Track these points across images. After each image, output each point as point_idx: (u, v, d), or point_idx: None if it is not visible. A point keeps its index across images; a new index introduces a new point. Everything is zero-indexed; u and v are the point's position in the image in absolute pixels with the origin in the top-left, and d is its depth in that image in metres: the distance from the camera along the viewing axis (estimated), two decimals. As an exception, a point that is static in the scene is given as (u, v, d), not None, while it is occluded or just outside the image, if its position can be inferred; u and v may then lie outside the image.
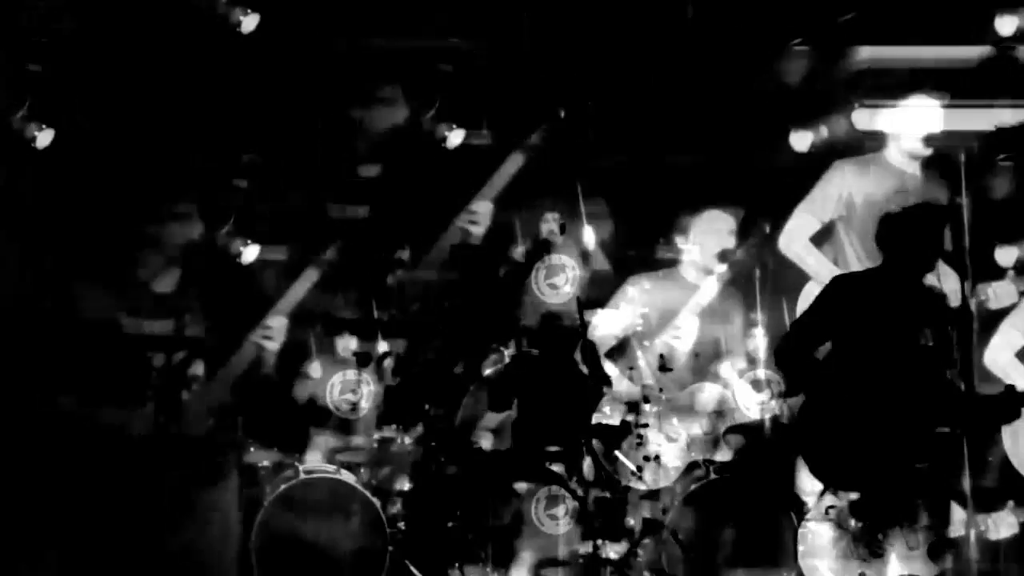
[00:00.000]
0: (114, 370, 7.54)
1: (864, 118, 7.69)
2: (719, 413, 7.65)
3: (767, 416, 7.41)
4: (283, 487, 7.33)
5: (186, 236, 8.14)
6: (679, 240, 7.84)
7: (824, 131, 7.90)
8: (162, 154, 8.24)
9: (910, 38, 8.10)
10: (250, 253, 8.21)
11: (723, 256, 7.69)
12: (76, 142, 8.07)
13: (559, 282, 8.19)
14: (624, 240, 8.45)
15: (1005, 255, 7.43)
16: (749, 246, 7.69)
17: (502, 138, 8.61)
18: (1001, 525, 7.23)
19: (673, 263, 7.95)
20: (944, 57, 8.03)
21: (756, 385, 7.53)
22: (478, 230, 8.39)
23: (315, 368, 7.91)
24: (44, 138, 7.92)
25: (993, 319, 7.46)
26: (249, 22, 8.08)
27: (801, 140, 8.00)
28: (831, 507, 6.94)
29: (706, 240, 7.77)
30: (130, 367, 7.57)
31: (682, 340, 7.81)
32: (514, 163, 8.44)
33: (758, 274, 7.54)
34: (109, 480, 7.06)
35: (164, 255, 8.05)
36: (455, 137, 8.50)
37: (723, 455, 7.61)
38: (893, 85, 7.64)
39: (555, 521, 7.38)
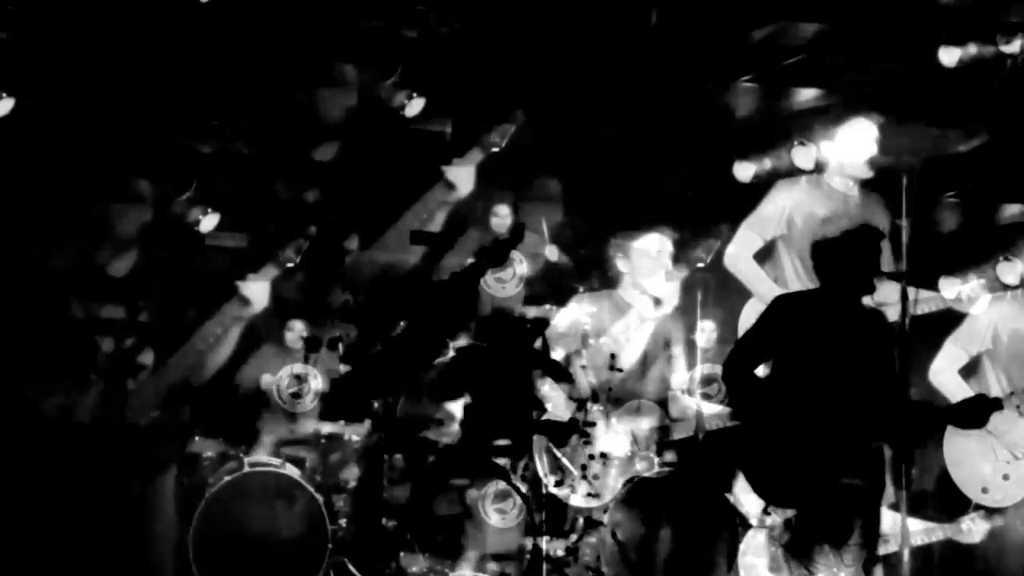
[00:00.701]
0: (60, 354, 7.55)
1: (803, 155, 7.79)
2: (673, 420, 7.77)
3: (703, 430, 7.52)
4: (226, 479, 7.33)
5: (144, 219, 8.14)
6: (619, 261, 7.91)
7: (767, 163, 7.98)
8: (122, 124, 8.20)
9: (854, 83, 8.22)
10: (209, 221, 8.12)
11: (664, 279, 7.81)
12: (35, 112, 8.03)
13: (506, 276, 8.23)
14: (576, 239, 8.53)
15: (948, 287, 7.50)
16: (694, 261, 7.82)
17: (461, 128, 8.62)
18: (975, 530, 7.33)
19: (612, 283, 8.02)
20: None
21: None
22: (459, 194, 8.39)
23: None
24: (3, 107, 7.79)
25: (937, 336, 7.54)
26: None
27: (744, 170, 8.13)
28: (768, 520, 7.06)
29: (642, 264, 7.83)
30: (77, 351, 7.58)
31: (642, 327, 7.89)
32: (473, 159, 8.43)
33: (700, 289, 7.64)
34: (48, 466, 7.10)
35: (121, 238, 8.06)
36: (415, 106, 8.43)
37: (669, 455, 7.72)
38: (833, 123, 7.71)
39: (503, 516, 7.47)
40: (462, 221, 8.66)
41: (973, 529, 7.34)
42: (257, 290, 7.99)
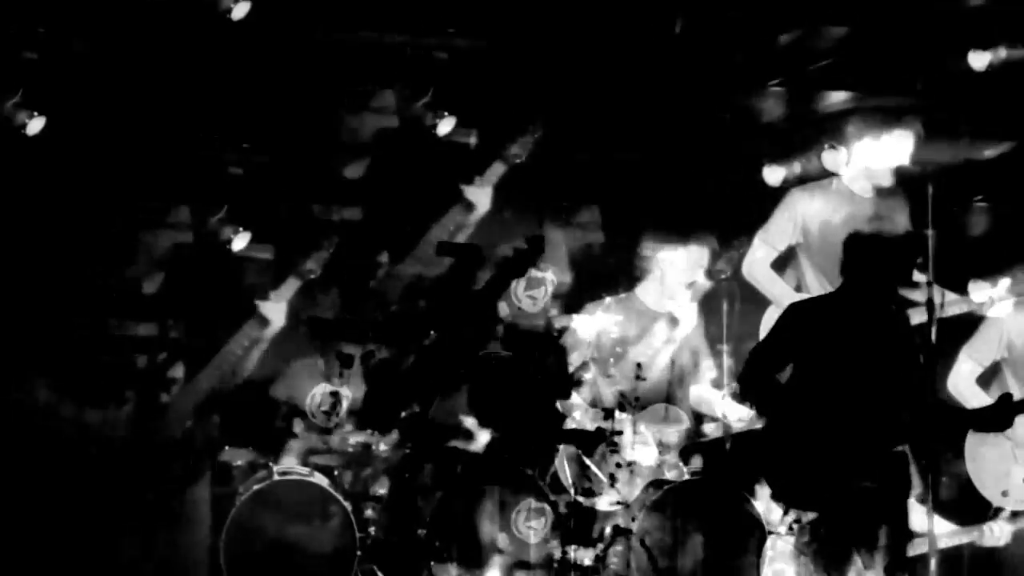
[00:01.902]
0: (97, 370, 7.71)
1: (832, 159, 7.83)
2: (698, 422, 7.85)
3: (728, 435, 7.60)
4: (256, 487, 7.42)
5: (175, 237, 8.30)
6: (651, 267, 8.00)
7: (796, 168, 8.03)
8: (154, 144, 8.36)
9: (883, 86, 8.29)
10: (240, 240, 8.24)
11: (691, 287, 7.91)
12: (68, 132, 8.17)
13: (538, 294, 8.33)
14: (604, 251, 8.64)
15: (978, 292, 7.56)
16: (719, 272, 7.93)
17: (488, 141, 8.75)
18: (1000, 534, 7.37)
19: (631, 287, 8.12)
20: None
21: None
22: (478, 214, 8.49)
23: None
24: (35, 126, 7.90)
25: (953, 345, 7.58)
26: (240, 9, 8.01)
27: (773, 175, 8.15)
28: (793, 526, 7.12)
29: (678, 272, 7.93)
30: (113, 367, 7.74)
31: (675, 335, 7.98)
32: (495, 172, 8.55)
33: (725, 297, 7.74)
34: (86, 479, 7.25)
35: (152, 255, 8.21)
36: (445, 125, 8.54)
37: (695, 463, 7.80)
38: (864, 127, 7.77)
39: (533, 532, 7.53)
40: (488, 235, 8.79)
41: (998, 532, 7.38)
42: (275, 309, 8.11)
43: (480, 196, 8.55)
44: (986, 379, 7.66)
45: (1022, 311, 7.60)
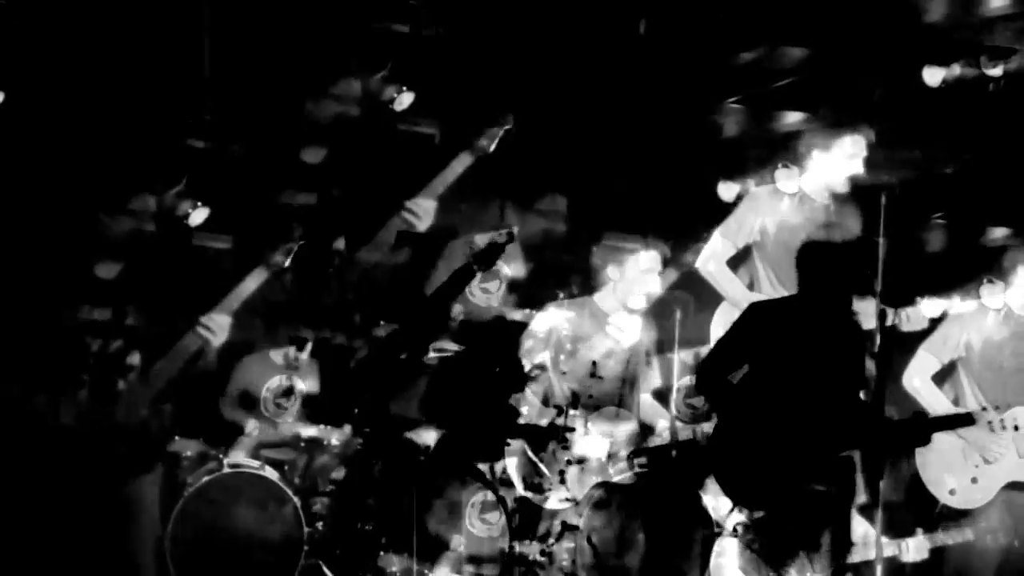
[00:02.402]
0: (49, 354, 7.71)
1: (786, 177, 7.90)
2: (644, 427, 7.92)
3: (674, 438, 7.67)
4: (205, 479, 7.48)
5: (132, 223, 8.28)
6: (609, 269, 8.04)
7: (750, 185, 8.10)
8: (112, 121, 8.30)
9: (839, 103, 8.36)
10: (199, 215, 8.22)
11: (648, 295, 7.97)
12: (24, 109, 8.10)
13: (492, 287, 8.37)
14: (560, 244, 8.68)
15: (931, 307, 7.66)
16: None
17: (451, 132, 8.77)
18: (914, 549, 7.48)
19: (587, 289, 8.15)
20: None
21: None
22: (420, 226, 8.54)
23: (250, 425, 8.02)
24: None
25: (910, 343, 7.67)
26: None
27: (728, 191, 8.26)
28: (739, 525, 7.19)
29: (632, 277, 7.97)
30: (66, 352, 7.74)
31: (625, 333, 8.03)
32: (462, 163, 8.56)
33: (677, 306, 7.82)
34: (35, 465, 7.25)
35: (111, 240, 8.20)
36: (404, 100, 8.51)
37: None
38: (818, 141, 7.86)
39: (488, 526, 7.58)
40: (450, 224, 8.81)
41: (914, 549, 7.48)
42: (221, 322, 8.12)
43: (424, 209, 8.53)
44: (941, 378, 7.74)
45: (983, 313, 7.68)
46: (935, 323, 7.73)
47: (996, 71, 8.00)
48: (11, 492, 7.22)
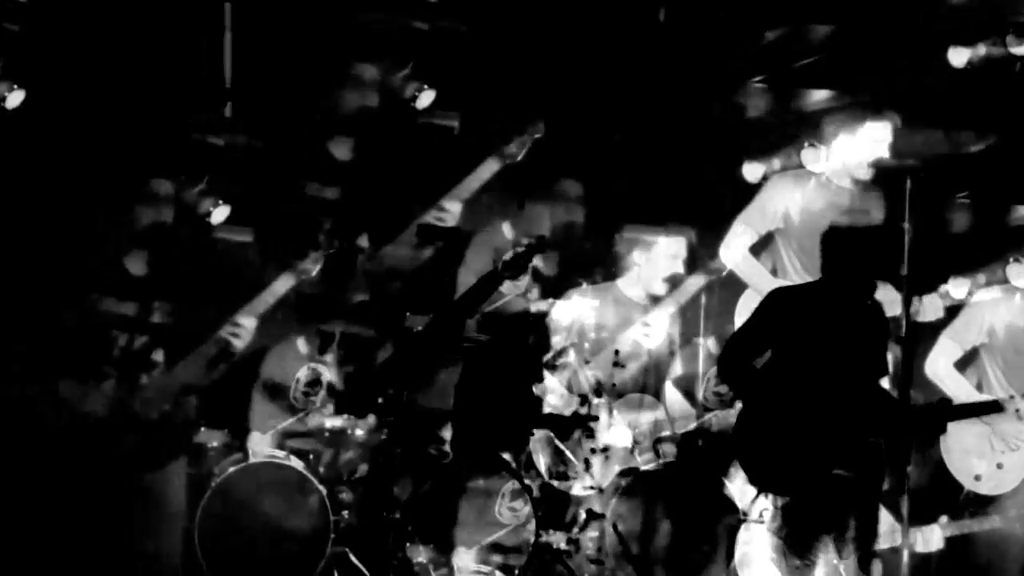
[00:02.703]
0: (77, 345, 7.76)
1: (812, 156, 7.91)
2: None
3: (700, 426, 7.69)
4: (230, 469, 7.52)
5: (162, 217, 8.33)
6: (635, 255, 8.06)
7: (776, 164, 8.09)
8: (137, 118, 8.32)
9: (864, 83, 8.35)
10: (220, 213, 8.17)
11: (672, 281, 7.99)
12: (49, 105, 8.07)
13: (521, 281, 8.38)
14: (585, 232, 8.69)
15: (957, 288, 7.65)
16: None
17: (474, 129, 8.78)
18: (930, 540, 7.47)
19: (610, 277, 8.18)
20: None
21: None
22: (447, 225, 8.56)
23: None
24: (14, 99, 7.80)
25: (933, 330, 7.67)
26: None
27: (753, 171, 8.20)
28: (764, 511, 7.21)
29: (657, 263, 8.01)
30: (93, 343, 7.79)
31: (651, 337, 8.06)
32: (489, 168, 8.58)
33: (704, 292, 7.85)
34: (60, 454, 7.31)
35: (138, 234, 8.24)
36: (426, 98, 8.47)
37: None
38: (843, 123, 7.87)
39: (515, 514, 7.62)
40: (474, 216, 8.83)
41: (928, 539, 7.48)
42: (248, 323, 8.15)
43: (452, 210, 8.53)
44: (963, 364, 7.73)
45: (1006, 299, 7.67)
46: (957, 309, 7.72)
47: (1022, 49, 7.96)
48: (36, 481, 7.27)
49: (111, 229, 8.16)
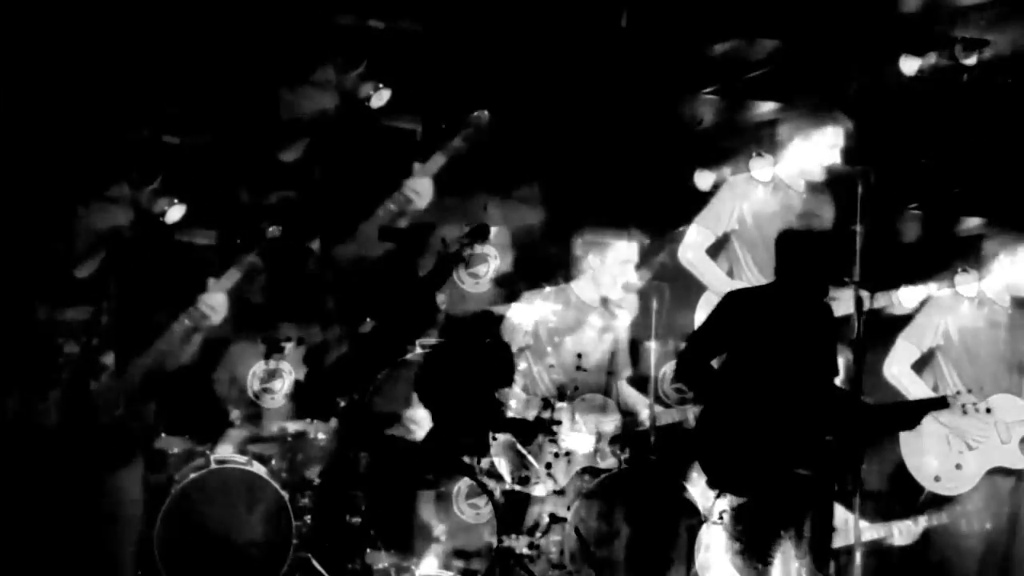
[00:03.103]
0: (23, 356, 7.70)
1: (760, 166, 8.10)
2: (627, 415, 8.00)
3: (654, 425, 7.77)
4: (192, 475, 7.50)
5: (112, 220, 8.29)
6: (590, 258, 8.12)
7: (726, 173, 8.28)
8: (86, 118, 8.25)
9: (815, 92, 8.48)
10: (175, 212, 8.21)
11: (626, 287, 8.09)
12: None
13: (480, 271, 8.46)
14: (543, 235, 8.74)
15: (908, 296, 7.78)
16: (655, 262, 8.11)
17: (429, 127, 8.81)
18: (906, 533, 7.60)
19: (566, 279, 8.24)
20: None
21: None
22: (418, 205, 8.57)
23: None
24: None
25: (889, 332, 7.79)
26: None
27: (704, 180, 8.40)
28: (724, 512, 7.27)
29: (611, 268, 8.09)
30: (40, 354, 7.74)
31: (619, 318, 8.12)
32: (436, 163, 8.61)
33: (654, 295, 7.92)
34: (11, 466, 7.26)
35: (86, 237, 8.20)
36: (381, 97, 8.53)
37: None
38: (794, 130, 8.04)
39: (476, 511, 7.69)
40: (431, 219, 8.86)
41: (905, 532, 7.60)
42: (217, 301, 8.14)
43: (422, 187, 8.57)
44: (920, 367, 7.87)
45: (960, 302, 7.81)
46: (911, 313, 7.86)
47: (970, 60, 8.16)
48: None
49: (58, 233, 8.11)
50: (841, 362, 6.95)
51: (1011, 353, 7.75)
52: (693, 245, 8.03)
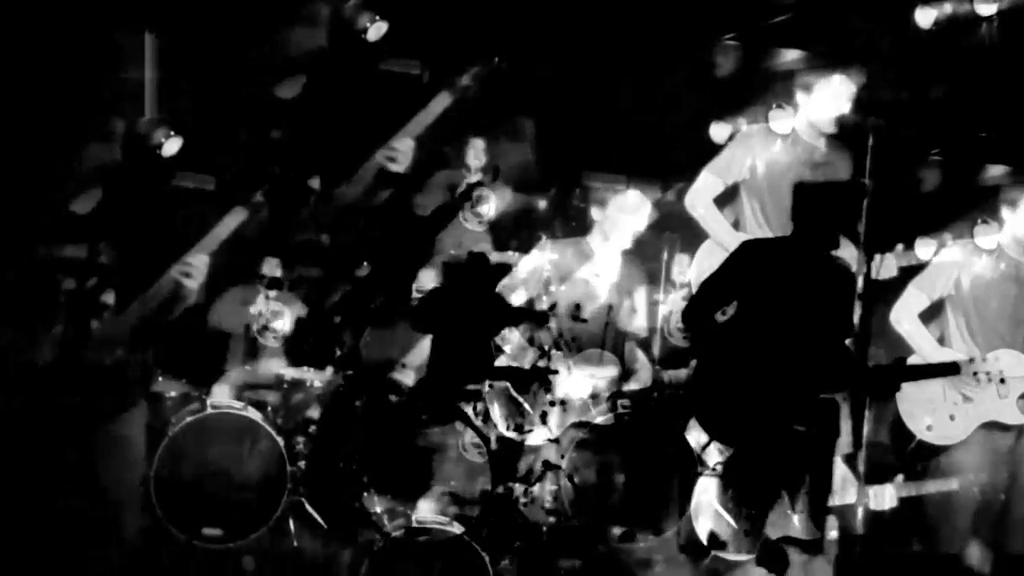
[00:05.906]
0: (21, 292, 7.80)
1: (780, 118, 8.09)
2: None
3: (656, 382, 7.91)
4: (188, 419, 7.70)
5: (110, 155, 8.35)
6: (593, 210, 8.22)
7: (743, 125, 8.28)
8: (82, 53, 8.27)
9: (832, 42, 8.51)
10: (172, 145, 8.26)
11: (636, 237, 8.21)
12: None
13: (484, 210, 8.56)
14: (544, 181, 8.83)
15: (924, 249, 7.85)
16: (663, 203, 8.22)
17: (433, 72, 8.85)
18: (883, 497, 7.72)
19: (580, 231, 8.35)
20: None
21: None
22: (397, 167, 8.67)
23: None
24: None
25: (893, 288, 7.87)
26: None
27: (720, 132, 8.43)
28: (719, 462, 7.45)
29: (619, 217, 8.20)
30: (39, 290, 7.83)
31: (602, 278, 8.25)
32: (441, 102, 8.65)
33: (666, 245, 8.02)
34: (10, 405, 7.38)
35: (85, 174, 8.26)
36: (378, 29, 8.54)
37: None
38: (810, 81, 8.05)
39: (480, 450, 7.79)
40: (431, 161, 8.93)
41: (880, 497, 7.71)
42: (200, 261, 8.22)
43: (402, 149, 8.62)
44: (928, 318, 7.91)
45: (974, 255, 7.85)
46: (919, 269, 7.91)
47: (989, 9, 8.18)
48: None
49: (56, 169, 8.15)
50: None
51: (1021, 308, 7.75)
52: (701, 191, 8.07)
